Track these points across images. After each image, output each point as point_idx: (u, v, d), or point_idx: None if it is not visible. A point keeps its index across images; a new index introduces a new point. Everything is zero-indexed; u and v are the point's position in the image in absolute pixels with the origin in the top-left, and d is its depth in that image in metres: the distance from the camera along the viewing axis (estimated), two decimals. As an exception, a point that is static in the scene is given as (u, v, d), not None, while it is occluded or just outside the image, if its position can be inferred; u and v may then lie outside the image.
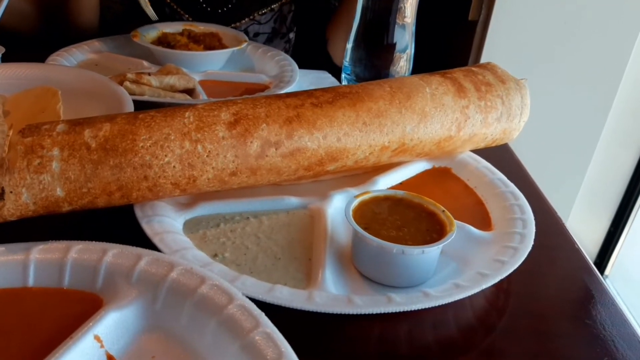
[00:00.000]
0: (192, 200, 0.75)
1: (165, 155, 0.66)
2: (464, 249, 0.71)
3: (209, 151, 0.68)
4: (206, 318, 0.53)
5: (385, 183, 0.84)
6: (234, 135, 0.69)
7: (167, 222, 0.67)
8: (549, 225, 0.83)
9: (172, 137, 0.66)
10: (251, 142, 0.70)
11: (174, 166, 0.66)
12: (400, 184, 0.87)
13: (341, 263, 0.67)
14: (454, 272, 0.68)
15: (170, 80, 1.10)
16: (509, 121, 0.91)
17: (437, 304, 0.58)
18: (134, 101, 0.93)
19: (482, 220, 0.78)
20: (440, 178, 0.89)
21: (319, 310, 0.55)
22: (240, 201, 0.75)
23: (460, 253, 0.70)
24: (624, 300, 2.11)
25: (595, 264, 2.22)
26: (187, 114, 0.69)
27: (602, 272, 2.20)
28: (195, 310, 0.53)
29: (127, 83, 1.06)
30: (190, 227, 0.70)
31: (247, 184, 0.73)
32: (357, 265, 0.67)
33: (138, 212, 0.68)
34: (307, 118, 0.74)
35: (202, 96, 1.11)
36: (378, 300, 0.58)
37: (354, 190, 0.81)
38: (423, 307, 0.57)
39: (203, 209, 0.73)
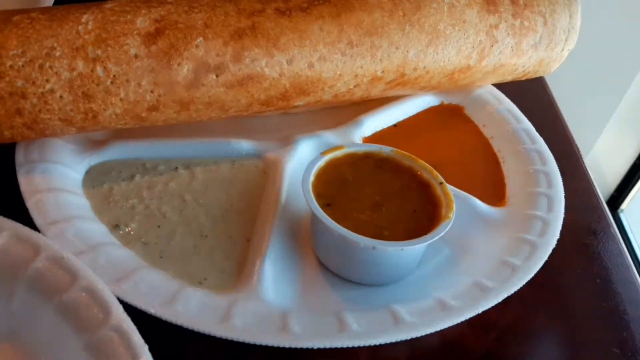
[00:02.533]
0: (105, 136, 0.55)
1: (47, 80, 0.45)
2: (465, 229, 0.53)
3: (115, 75, 0.47)
4: (68, 335, 0.36)
5: (373, 125, 0.64)
6: (153, 54, 0.48)
7: (57, 173, 0.48)
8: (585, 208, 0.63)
9: (58, 53, 0.45)
10: (179, 64, 0.49)
11: (60, 96, 0.46)
12: (395, 125, 0.66)
13: (295, 245, 0.49)
14: (446, 264, 0.50)
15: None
16: (549, 49, 0.68)
17: (409, 337, 0.40)
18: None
19: (494, 189, 0.59)
20: (447, 120, 0.68)
21: (234, 339, 0.38)
22: (169, 142, 0.55)
23: (459, 235, 0.52)
24: (636, 236, 1.97)
25: (612, 196, 2.04)
26: (84, 18, 0.47)
27: (618, 206, 2.03)
28: (57, 322, 0.37)
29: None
30: (94, 177, 0.51)
31: (177, 120, 0.53)
32: (315, 252, 0.49)
33: (19, 156, 0.49)
34: (266, 32, 0.52)
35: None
36: (325, 329, 0.40)
37: (328, 135, 0.60)
38: (389, 341, 0.40)
39: (116, 151, 0.53)
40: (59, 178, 0.48)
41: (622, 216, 2.05)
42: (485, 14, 0.63)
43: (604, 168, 2.00)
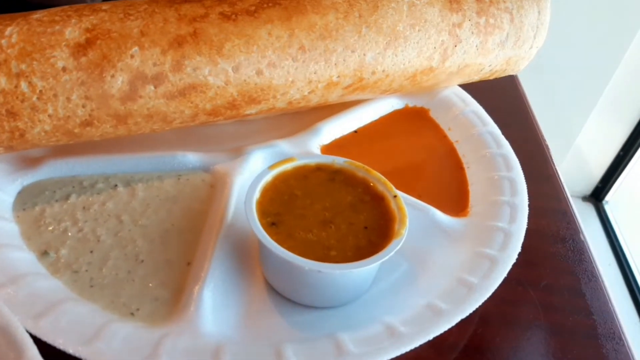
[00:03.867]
0: (41, 153, 0.52)
1: (-35, 98, 0.42)
2: (424, 242, 0.50)
3: (41, 91, 0.44)
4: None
5: (332, 132, 0.61)
6: (83, 66, 0.45)
7: (-18, 195, 0.46)
8: (553, 213, 0.61)
9: (-23, 68, 0.42)
10: (112, 76, 0.46)
11: (-20, 114, 0.43)
12: (355, 132, 0.63)
13: (241, 267, 0.46)
14: (402, 281, 0.47)
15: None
16: (516, 47, 0.65)
17: (355, 369, 0.37)
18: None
19: (457, 197, 0.56)
20: (412, 123, 0.66)
21: (163, 380, 0.35)
22: (108, 157, 0.52)
23: (418, 248, 0.49)
24: (621, 228, 1.96)
25: (597, 188, 2.03)
26: (8, 30, 0.44)
27: (602, 197, 2.02)
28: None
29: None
30: (27, 198, 0.48)
31: (115, 135, 0.50)
32: (263, 272, 0.46)
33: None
34: (209, 38, 0.49)
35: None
36: None
37: (283, 145, 0.57)
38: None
39: (51, 168, 0.50)
40: (-15, 200, 0.45)
41: (607, 207, 2.04)
42: (448, 12, 0.60)
43: (589, 159, 1.99)
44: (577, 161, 1.94)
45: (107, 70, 0.45)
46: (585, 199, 2.04)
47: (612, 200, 2.05)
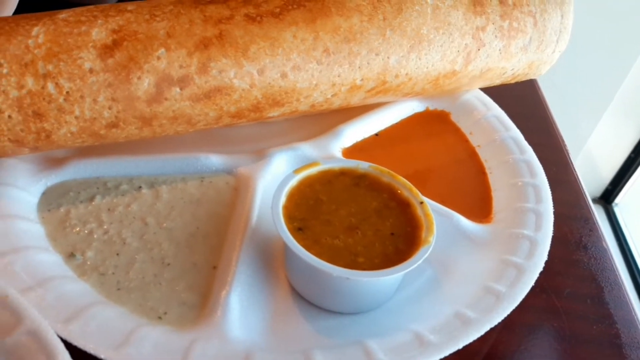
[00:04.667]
0: (65, 154, 0.52)
1: (-8, 99, 0.42)
2: (449, 248, 0.50)
3: (67, 92, 0.43)
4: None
5: (353, 135, 0.60)
6: (110, 67, 0.44)
7: (8, 197, 0.45)
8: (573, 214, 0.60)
9: (5, 70, 0.42)
10: (139, 77, 0.45)
11: (8, 116, 0.42)
12: (376, 135, 0.63)
13: (265, 271, 0.46)
14: (427, 288, 0.47)
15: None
16: (539, 51, 0.65)
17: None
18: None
19: (480, 203, 0.56)
20: (432, 127, 0.65)
21: (194, 387, 0.35)
22: (132, 159, 0.51)
23: (442, 254, 0.49)
24: (630, 231, 1.95)
25: (607, 190, 2.02)
26: (35, 30, 0.44)
27: (612, 200, 2.01)
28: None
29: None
30: (51, 199, 0.48)
31: (140, 137, 0.49)
32: (288, 277, 0.46)
33: (-34, 177, 0.46)
34: (234, 40, 0.49)
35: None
36: None
37: (305, 148, 0.57)
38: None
39: (75, 169, 0.50)
40: (11, 202, 0.45)
41: (617, 210, 2.03)
42: (472, 15, 0.59)
43: (599, 161, 1.98)
44: (588, 163, 1.93)
45: (134, 72, 0.45)
46: (595, 201, 2.03)
47: (621, 203, 2.04)
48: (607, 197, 2.02)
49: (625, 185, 1.99)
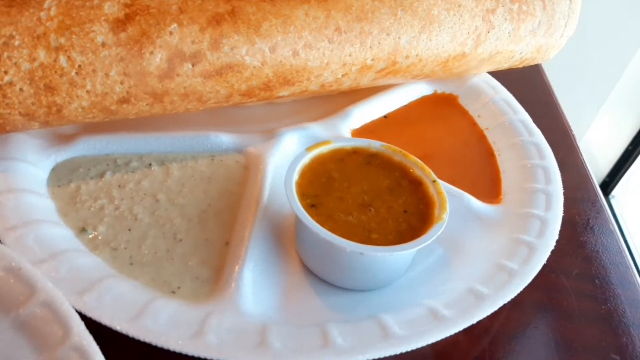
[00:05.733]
0: (74, 130, 0.52)
1: (5, 72, 0.41)
2: (459, 228, 0.50)
3: (80, 66, 0.43)
4: (25, 353, 0.33)
5: (362, 116, 0.60)
6: (123, 42, 0.44)
7: (19, 171, 0.45)
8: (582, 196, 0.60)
9: (17, 42, 0.41)
10: (151, 52, 0.45)
11: (20, 89, 0.42)
12: (385, 117, 0.63)
13: (277, 248, 0.46)
14: (438, 266, 0.47)
15: None
16: (547, 35, 0.65)
17: (399, 351, 0.37)
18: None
19: (489, 185, 0.56)
20: (440, 110, 0.65)
21: (209, 357, 0.35)
22: (142, 136, 0.51)
23: (453, 234, 0.49)
24: (627, 223, 1.96)
25: (604, 182, 2.03)
26: (47, 3, 0.43)
27: (609, 192, 2.01)
28: (14, 339, 0.34)
29: None
30: (61, 175, 0.47)
31: (150, 113, 0.49)
32: (299, 254, 0.46)
33: (-24, 151, 0.45)
34: (246, 17, 0.48)
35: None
36: (307, 343, 0.36)
37: (314, 128, 0.57)
38: (377, 357, 0.37)
39: (85, 146, 0.50)
40: (21, 177, 0.44)
41: (613, 202, 2.04)
42: (482, -3, 0.59)
43: (597, 153, 1.98)
44: (586, 155, 1.94)
45: (146, 46, 0.45)
46: (593, 193, 2.03)
47: (618, 195, 2.05)
48: (604, 189, 2.03)
49: (623, 178, 2.00)
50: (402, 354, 0.40)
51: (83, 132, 0.50)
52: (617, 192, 2.04)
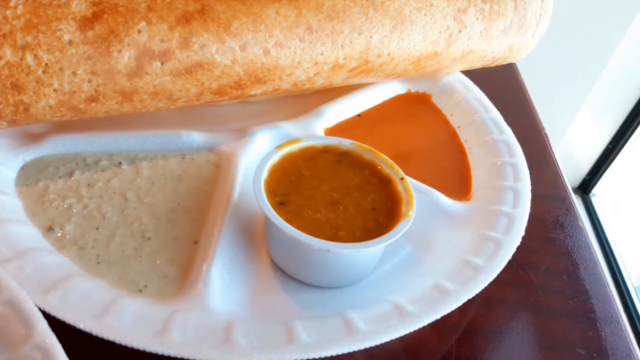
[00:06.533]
0: (43, 129, 0.51)
1: (-31, 69, 0.41)
2: (428, 225, 0.51)
3: (47, 64, 0.43)
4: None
5: (335, 115, 0.61)
6: (90, 40, 0.44)
7: (-16, 169, 0.45)
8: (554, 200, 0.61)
9: (-19, 39, 0.41)
10: (119, 51, 0.45)
11: (-15, 86, 0.42)
12: (359, 115, 0.63)
13: (247, 246, 0.46)
14: (407, 262, 0.48)
15: None
16: (519, 34, 0.66)
17: (363, 347, 0.38)
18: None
19: (460, 182, 0.56)
20: (414, 108, 0.66)
21: (172, 355, 0.35)
22: (112, 135, 0.51)
23: (422, 231, 0.50)
24: (607, 220, 1.99)
25: (584, 180, 2.06)
26: (13, 1, 0.43)
27: (590, 190, 2.04)
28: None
29: None
30: (30, 174, 0.47)
31: (120, 112, 0.49)
32: (270, 252, 0.46)
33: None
34: (216, 15, 0.48)
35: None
36: (272, 340, 0.37)
37: (287, 127, 0.57)
38: (341, 352, 0.37)
39: (54, 145, 0.49)
40: (-12, 175, 0.44)
41: (594, 200, 2.07)
42: (454, -3, 0.60)
43: (577, 151, 2.01)
44: (566, 154, 1.96)
45: (114, 45, 0.45)
46: (573, 191, 2.06)
47: (598, 193, 2.08)
48: (584, 188, 2.06)
49: (603, 176, 2.03)
50: (371, 351, 0.40)
51: (52, 131, 0.50)
52: (597, 190, 2.07)
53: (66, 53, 0.43)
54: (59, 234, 0.42)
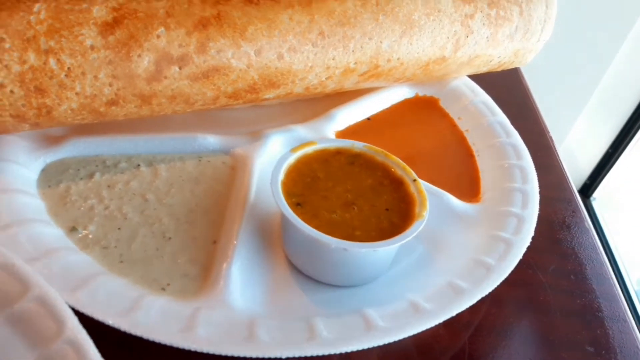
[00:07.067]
0: (63, 132, 0.52)
1: (-6, 73, 0.42)
2: (439, 226, 0.52)
3: (69, 68, 0.44)
4: (19, 348, 0.34)
5: (346, 118, 0.62)
6: (111, 45, 0.45)
7: (9, 172, 0.45)
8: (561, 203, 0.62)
9: (8, 45, 0.42)
10: (139, 55, 0.46)
11: (10, 91, 0.43)
12: (368, 119, 0.64)
13: (264, 246, 0.47)
14: (420, 262, 0.49)
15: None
16: (524, 39, 0.67)
17: (381, 343, 0.39)
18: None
19: (469, 184, 0.58)
20: (422, 112, 0.67)
21: (198, 350, 0.36)
22: (131, 138, 0.52)
23: (433, 232, 0.51)
24: (607, 225, 2.00)
25: (585, 184, 2.07)
26: (36, 7, 0.44)
27: (590, 194, 2.05)
28: (8, 334, 0.34)
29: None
30: (51, 175, 0.48)
31: (139, 115, 0.50)
32: (286, 252, 0.47)
33: (-35, 153, 0.46)
34: (232, 21, 0.50)
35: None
36: (294, 336, 0.38)
37: (299, 130, 0.58)
38: (360, 348, 0.38)
39: (74, 147, 0.50)
40: (12, 178, 0.45)
41: (594, 204, 2.08)
42: (461, 3, 0.61)
43: (578, 156, 2.02)
44: (567, 158, 1.97)
45: (134, 49, 0.46)
46: (574, 195, 2.07)
47: (599, 197, 2.09)
48: (585, 192, 2.07)
49: (603, 180, 2.04)
50: (385, 347, 0.41)
51: (72, 134, 0.51)
52: (597, 194, 2.08)
53: (88, 57, 0.44)
54: (82, 234, 0.43)
